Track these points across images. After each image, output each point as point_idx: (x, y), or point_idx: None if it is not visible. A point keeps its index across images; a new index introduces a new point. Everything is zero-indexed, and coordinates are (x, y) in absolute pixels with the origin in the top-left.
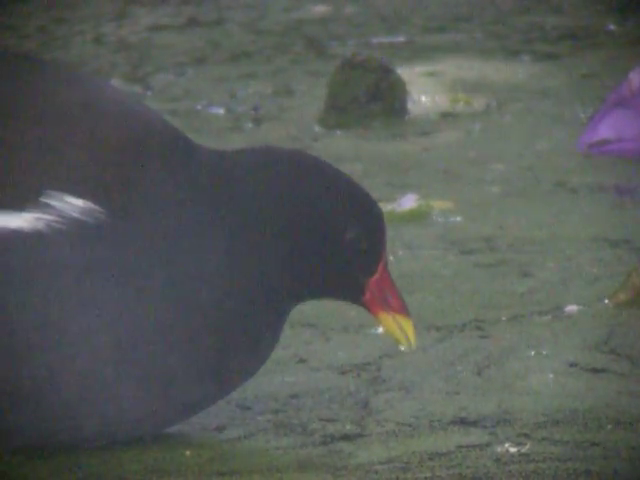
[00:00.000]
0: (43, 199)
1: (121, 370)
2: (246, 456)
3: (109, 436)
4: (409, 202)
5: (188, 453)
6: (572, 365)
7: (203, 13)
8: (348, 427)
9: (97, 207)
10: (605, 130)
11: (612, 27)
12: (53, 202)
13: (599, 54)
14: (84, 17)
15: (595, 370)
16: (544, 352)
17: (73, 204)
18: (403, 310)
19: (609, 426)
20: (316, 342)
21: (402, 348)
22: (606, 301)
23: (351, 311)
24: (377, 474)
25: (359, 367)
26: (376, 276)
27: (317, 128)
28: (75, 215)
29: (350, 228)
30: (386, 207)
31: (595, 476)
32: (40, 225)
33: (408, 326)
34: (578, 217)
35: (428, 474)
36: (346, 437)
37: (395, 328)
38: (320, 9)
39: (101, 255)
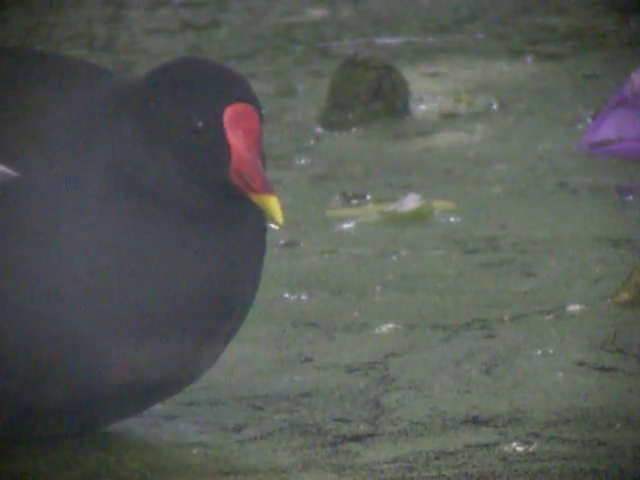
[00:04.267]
0: None
1: (76, 327)
2: (253, 456)
3: (98, 401)
4: (411, 202)
5: (195, 452)
6: (580, 364)
7: (198, 17)
8: (362, 427)
9: (8, 168)
10: (607, 130)
11: (614, 28)
12: None
13: (601, 55)
14: (76, 20)
15: (604, 369)
16: (550, 351)
17: None
18: (265, 189)
19: (618, 425)
20: (320, 341)
21: (274, 227)
22: (609, 300)
23: (354, 311)
24: (382, 473)
25: (366, 366)
26: (234, 162)
27: (319, 129)
28: None
29: (195, 119)
30: (388, 207)
31: (601, 475)
32: None
33: (272, 203)
34: (580, 217)
35: (434, 473)
36: (358, 437)
37: (264, 207)
38: (317, 13)
39: (27, 214)
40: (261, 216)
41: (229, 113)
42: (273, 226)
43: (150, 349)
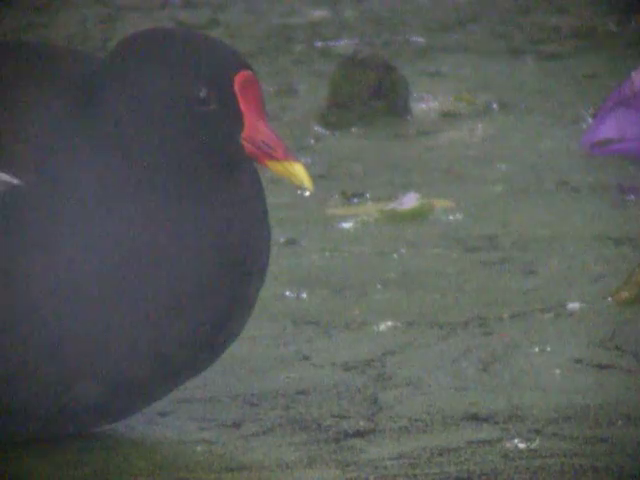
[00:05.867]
0: None
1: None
2: (257, 452)
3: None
4: (411, 201)
5: (199, 449)
6: (577, 362)
7: (197, 17)
8: (361, 423)
9: (9, 175)
10: (607, 130)
11: (615, 27)
12: None
13: (602, 54)
14: (71, 20)
15: (601, 366)
16: (548, 349)
17: None
18: (288, 156)
19: (619, 422)
20: (318, 339)
21: (306, 193)
22: (609, 299)
23: (354, 309)
24: (386, 469)
25: (363, 364)
26: (247, 130)
27: (319, 128)
28: None
29: (198, 88)
30: (388, 206)
31: (601, 472)
32: None
33: (299, 169)
34: (581, 215)
35: (436, 470)
36: (359, 433)
37: (288, 174)
38: (319, 14)
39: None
40: (255, 176)
41: (239, 81)
42: (305, 192)
43: (182, 323)
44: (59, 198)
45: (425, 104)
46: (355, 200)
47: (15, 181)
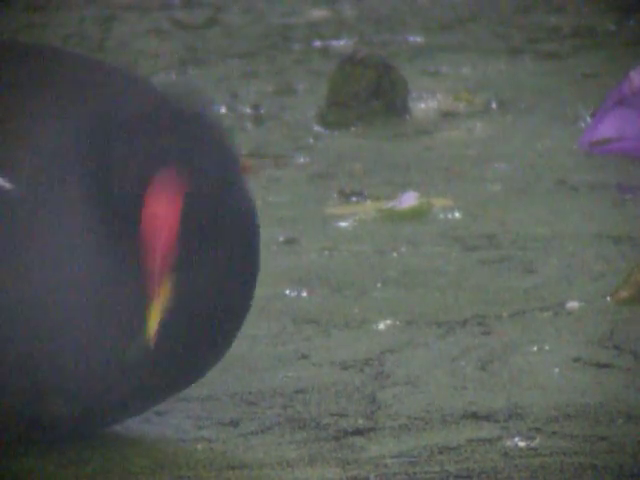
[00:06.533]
0: None
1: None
2: (257, 450)
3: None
4: (410, 200)
5: (200, 447)
6: (576, 360)
7: (196, 17)
8: (360, 421)
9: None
10: (606, 129)
11: (614, 26)
12: None
13: (601, 53)
14: (68, 21)
15: (599, 365)
16: (547, 347)
17: None
18: (152, 297)
19: (619, 420)
20: (317, 338)
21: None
22: (608, 298)
23: (354, 307)
24: (386, 468)
25: (361, 362)
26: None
27: (318, 127)
28: None
29: (116, 184)
30: (387, 205)
31: (601, 470)
32: None
33: (153, 313)
34: (580, 214)
35: (437, 468)
36: (359, 431)
37: (149, 312)
38: (318, 13)
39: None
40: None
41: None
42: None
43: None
44: (42, 207)
45: (424, 103)
46: (354, 199)
47: (7, 185)
